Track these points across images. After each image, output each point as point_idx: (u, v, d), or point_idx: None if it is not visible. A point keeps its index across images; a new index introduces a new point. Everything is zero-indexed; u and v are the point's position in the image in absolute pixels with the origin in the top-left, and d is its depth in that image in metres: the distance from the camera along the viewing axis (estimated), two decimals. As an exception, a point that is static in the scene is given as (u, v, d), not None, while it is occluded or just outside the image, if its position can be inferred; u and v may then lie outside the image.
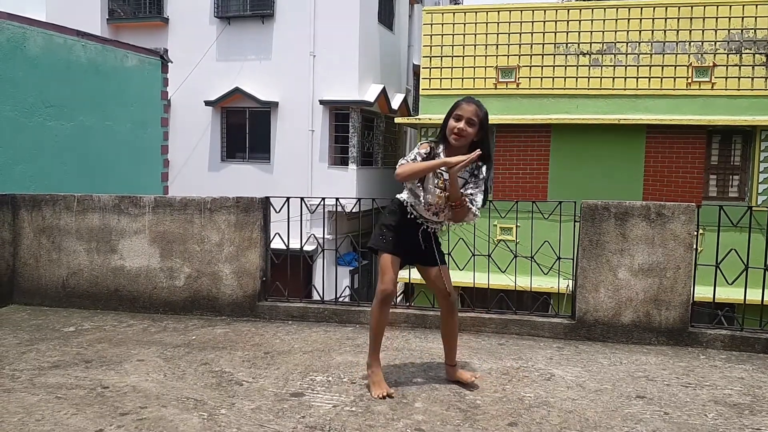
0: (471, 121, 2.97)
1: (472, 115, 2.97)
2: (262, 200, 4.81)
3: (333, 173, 14.98)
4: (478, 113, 2.99)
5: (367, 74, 15.15)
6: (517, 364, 3.68)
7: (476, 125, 2.99)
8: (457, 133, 2.97)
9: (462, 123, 2.97)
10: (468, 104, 3.00)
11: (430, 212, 3.12)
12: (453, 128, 2.98)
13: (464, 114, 2.98)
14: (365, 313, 4.58)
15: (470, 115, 2.97)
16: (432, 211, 3.11)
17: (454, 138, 2.99)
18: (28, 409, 2.95)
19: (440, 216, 3.14)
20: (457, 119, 2.99)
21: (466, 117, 2.97)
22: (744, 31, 11.04)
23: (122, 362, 3.67)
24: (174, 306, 4.90)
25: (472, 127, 2.99)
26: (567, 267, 4.73)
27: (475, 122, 2.98)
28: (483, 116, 3.01)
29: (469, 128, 2.98)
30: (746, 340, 4.03)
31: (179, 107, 15.45)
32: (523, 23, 11.91)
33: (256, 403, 3.04)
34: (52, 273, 5.14)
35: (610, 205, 4.19)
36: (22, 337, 4.22)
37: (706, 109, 11.18)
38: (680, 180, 11.47)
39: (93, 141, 7.89)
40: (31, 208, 5.17)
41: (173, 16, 16.05)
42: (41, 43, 7.16)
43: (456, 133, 2.98)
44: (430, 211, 3.11)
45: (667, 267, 4.10)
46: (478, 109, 3.00)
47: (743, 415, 2.96)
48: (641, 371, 3.58)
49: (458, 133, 2.97)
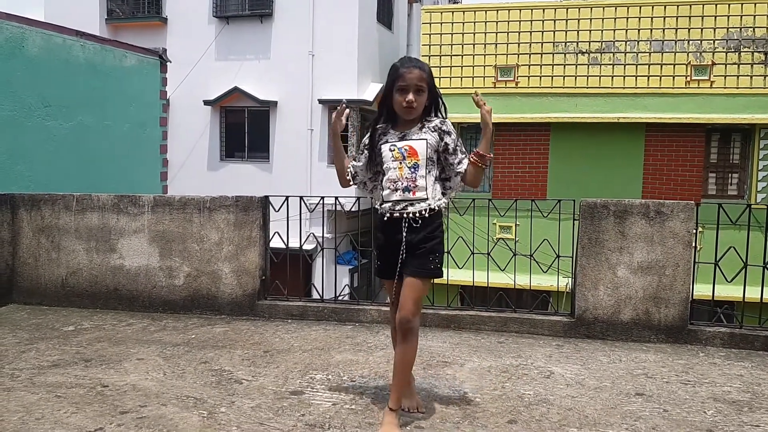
0: (419, 87, 2.61)
1: (418, 81, 2.61)
2: (261, 199, 4.81)
3: (332, 172, 14.86)
4: (423, 76, 2.62)
5: (366, 73, 15.15)
6: (516, 362, 3.68)
7: (425, 90, 2.63)
8: (408, 106, 2.62)
9: (410, 94, 2.60)
10: (409, 70, 2.62)
11: (399, 191, 2.65)
12: (401, 102, 2.62)
13: (410, 83, 2.60)
14: (365, 312, 4.59)
15: (417, 81, 2.61)
16: (401, 187, 2.64)
17: (406, 113, 2.65)
18: (28, 408, 2.95)
19: (415, 190, 2.64)
20: (402, 91, 2.61)
21: (414, 86, 2.60)
22: (743, 29, 11.04)
23: (122, 361, 3.67)
24: (173, 305, 4.90)
25: (423, 94, 2.64)
26: (566, 265, 4.74)
27: (424, 87, 2.63)
28: (428, 76, 2.65)
29: (420, 97, 2.63)
30: (745, 337, 4.03)
31: (178, 107, 15.43)
32: (522, 22, 11.91)
33: (256, 401, 3.04)
34: (51, 272, 5.14)
35: (609, 203, 4.19)
36: (21, 336, 4.22)
37: (705, 108, 11.18)
38: (679, 178, 11.48)
39: (92, 141, 7.88)
40: (30, 208, 5.17)
41: (172, 15, 16.04)
42: (40, 43, 7.15)
43: (407, 106, 2.62)
44: (398, 190, 2.65)
45: (666, 265, 4.10)
46: (421, 71, 2.62)
47: (742, 412, 2.96)
48: (640, 369, 3.58)
49: (409, 106, 2.61)
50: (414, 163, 2.65)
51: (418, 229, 2.65)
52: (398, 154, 2.66)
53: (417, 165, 2.65)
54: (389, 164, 2.68)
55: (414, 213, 2.64)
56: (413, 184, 2.65)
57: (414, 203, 2.65)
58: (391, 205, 2.67)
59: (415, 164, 2.65)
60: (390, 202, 2.68)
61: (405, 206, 2.65)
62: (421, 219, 2.65)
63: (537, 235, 4.59)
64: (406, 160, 2.65)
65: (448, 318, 4.43)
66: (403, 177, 2.65)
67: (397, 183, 2.66)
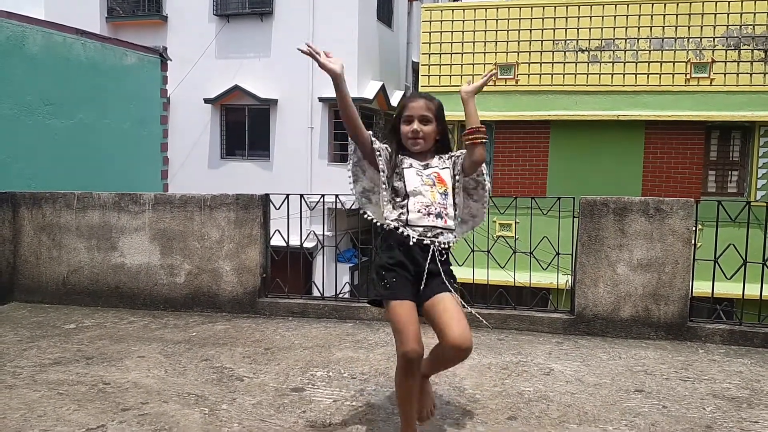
0: (425, 117, 2.52)
1: (423, 112, 2.52)
2: (261, 197, 4.82)
3: (332, 170, 14.98)
4: (430, 106, 2.53)
5: (366, 71, 15.15)
6: (516, 358, 3.70)
7: (432, 121, 2.53)
8: (413, 136, 2.51)
9: (415, 123, 2.51)
10: (415, 101, 2.55)
11: (432, 216, 2.46)
12: (407, 132, 2.52)
13: (414, 113, 2.52)
14: (365, 309, 4.60)
15: (421, 112, 2.51)
16: (434, 213, 2.47)
17: (412, 143, 2.53)
18: (30, 406, 2.96)
19: (446, 218, 2.49)
20: (408, 121, 2.53)
21: (417, 115, 2.51)
22: (742, 26, 11.03)
23: (123, 359, 3.69)
24: (174, 303, 4.91)
25: (429, 125, 2.53)
26: (566, 263, 4.75)
27: (431, 118, 2.53)
28: (437, 108, 2.56)
29: (426, 127, 2.52)
30: (745, 334, 4.04)
31: (179, 105, 15.44)
32: (521, 20, 11.90)
33: (257, 398, 3.06)
34: (52, 270, 5.15)
35: (608, 200, 4.20)
36: (23, 334, 4.24)
37: (705, 105, 11.18)
38: (679, 176, 11.48)
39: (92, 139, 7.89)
40: (32, 206, 5.18)
41: (172, 14, 16.04)
42: (41, 41, 7.15)
43: (412, 137, 2.52)
44: (431, 215, 2.46)
45: (666, 262, 4.11)
46: (428, 102, 2.54)
47: (741, 409, 2.98)
48: (640, 365, 3.59)
49: (414, 136, 2.51)
50: (444, 190, 2.52)
51: (442, 262, 2.48)
52: (428, 180, 2.51)
53: (447, 192, 2.53)
54: (419, 188, 2.48)
55: (443, 243, 2.48)
56: (445, 211, 2.50)
57: (444, 232, 2.48)
58: (422, 230, 2.45)
59: (445, 191, 2.53)
60: (421, 227, 2.45)
61: (436, 234, 2.46)
62: (446, 253, 2.51)
63: (537, 232, 4.60)
64: (436, 186, 2.51)
65: (449, 315, 4.43)
66: (436, 202, 2.48)
67: (429, 207, 2.46)
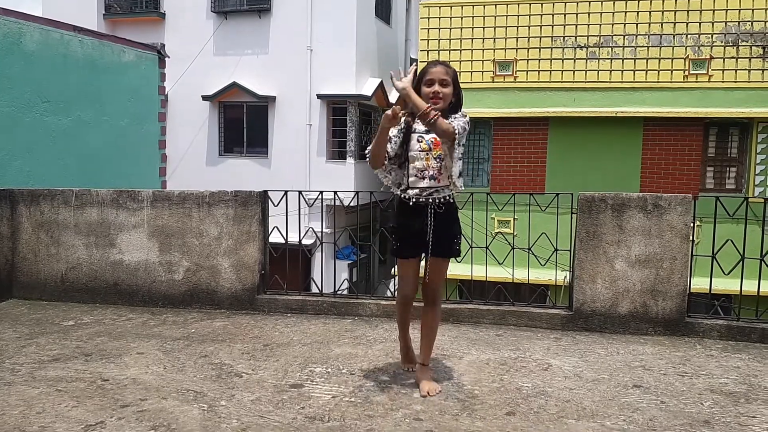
0: (444, 81, 2.92)
1: (443, 76, 2.92)
2: (260, 194, 4.82)
3: (331, 167, 14.98)
4: (448, 71, 2.94)
5: (364, 68, 15.13)
6: (514, 354, 3.70)
7: (450, 84, 2.93)
8: (434, 96, 2.90)
9: (436, 86, 2.90)
10: (435, 66, 2.95)
11: (426, 179, 2.94)
12: (428, 93, 2.90)
13: (435, 77, 2.91)
14: (364, 306, 4.60)
15: (441, 75, 2.92)
16: (428, 176, 2.94)
17: (433, 103, 2.88)
18: (28, 402, 2.97)
19: (440, 178, 2.94)
20: (429, 84, 2.92)
21: (438, 79, 2.91)
22: (741, 23, 11.03)
23: (122, 355, 3.69)
24: (173, 299, 4.91)
25: (447, 87, 2.92)
26: (564, 259, 4.76)
27: (449, 81, 2.93)
28: (453, 74, 2.96)
29: (445, 89, 2.91)
30: (742, 329, 4.05)
31: (177, 102, 15.41)
32: (520, 16, 11.89)
33: (256, 394, 3.06)
34: (50, 267, 5.15)
35: (607, 196, 4.21)
36: (21, 331, 4.23)
37: (703, 102, 11.19)
38: (677, 172, 11.49)
39: (90, 136, 7.88)
40: (30, 203, 5.17)
41: (170, 11, 16.00)
42: (38, 38, 7.14)
43: (433, 97, 2.90)
44: (425, 177, 2.94)
45: (664, 258, 4.12)
46: (446, 68, 2.95)
47: (739, 404, 2.99)
48: (638, 361, 3.60)
49: (435, 96, 2.90)
50: (438, 154, 2.94)
51: (442, 214, 2.97)
52: (425, 146, 2.94)
53: (440, 156, 2.94)
54: (416, 154, 2.95)
55: (439, 198, 2.95)
56: (438, 173, 2.94)
57: (439, 190, 2.96)
58: (417, 191, 2.95)
59: (440, 155, 2.94)
60: (417, 188, 2.96)
61: (431, 192, 2.95)
62: (444, 205, 2.97)
63: (535, 229, 4.60)
64: (432, 151, 2.94)
65: (447, 311, 4.45)
66: (429, 166, 2.94)
67: (424, 172, 2.94)
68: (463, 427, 2.69)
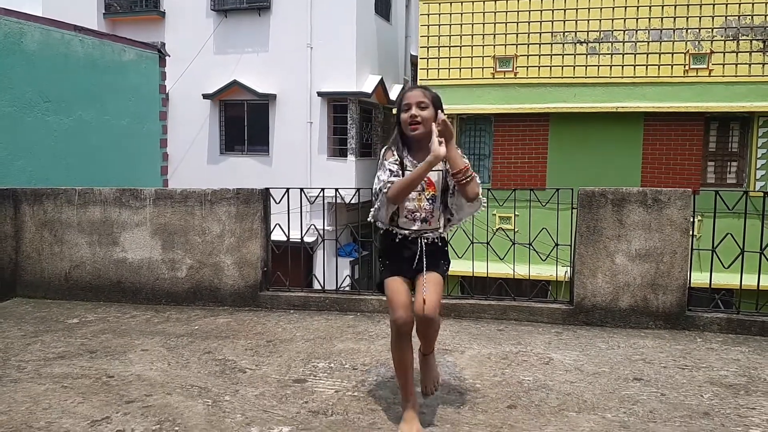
0: (421, 104, 2.68)
1: (420, 98, 2.69)
2: (262, 191, 4.84)
3: (332, 164, 15.00)
4: (426, 94, 2.71)
5: (364, 65, 15.14)
6: (516, 348, 3.73)
7: (428, 106, 2.69)
8: (412, 121, 2.66)
9: (414, 109, 2.67)
10: (411, 91, 2.74)
11: (417, 221, 2.73)
12: (406, 119, 2.68)
13: (412, 101, 2.69)
14: (366, 302, 4.63)
15: (418, 99, 2.69)
16: (419, 218, 2.73)
17: (412, 129, 2.67)
18: (35, 399, 3.00)
19: (431, 221, 2.74)
20: (406, 109, 2.70)
21: (414, 102, 2.68)
22: (741, 17, 11.03)
23: (126, 352, 3.72)
24: (176, 297, 4.94)
25: (426, 110, 2.68)
26: (565, 255, 4.78)
27: (427, 104, 2.68)
28: (433, 97, 2.73)
29: (423, 112, 2.67)
30: (742, 323, 4.07)
31: (178, 101, 15.44)
32: (520, 12, 11.90)
33: (260, 389, 3.09)
34: (54, 266, 5.18)
35: (607, 191, 4.23)
36: (26, 329, 4.27)
37: (704, 96, 11.19)
38: (678, 167, 11.50)
39: (92, 135, 7.90)
40: (33, 202, 5.20)
41: (170, 9, 16.02)
42: (39, 38, 7.16)
43: (411, 122, 2.67)
44: (417, 220, 2.73)
45: (664, 252, 4.14)
46: (424, 90, 2.73)
47: (739, 396, 3.01)
48: (638, 354, 3.63)
49: (413, 121, 2.66)
50: (432, 195, 2.74)
51: (434, 250, 2.75)
52: (418, 186, 2.69)
53: (435, 197, 2.74)
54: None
55: (428, 239, 2.73)
56: (430, 216, 2.74)
57: (428, 232, 2.74)
58: (408, 232, 2.73)
59: (433, 196, 2.74)
60: (407, 230, 2.74)
61: (420, 234, 2.73)
62: (435, 244, 2.76)
63: (536, 224, 4.63)
64: (424, 192, 2.72)
65: (449, 307, 4.47)
66: (422, 208, 2.73)
67: (415, 214, 2.73)
68: (465, 420, 2.71)
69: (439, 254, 2.77)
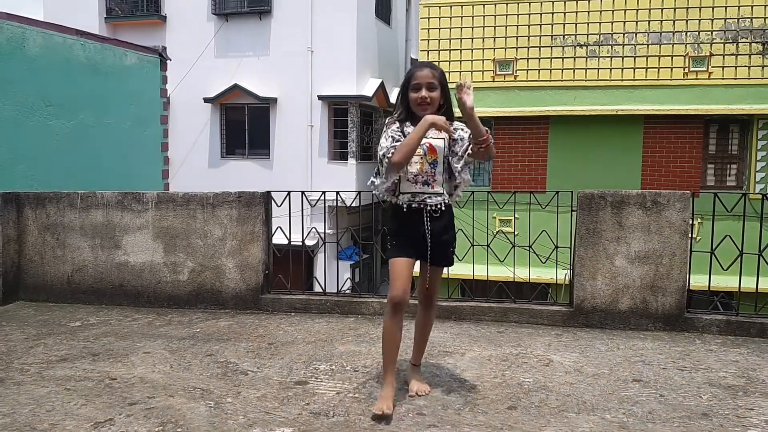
0: (431, 85, 2.82)
1: (430, 79, 2.82)
2: (263, 195, 4.87)
3: (333, 168, 15.03)
4: (435, 74, 2.83)
5: (364, 69, 15.18)
6: (516, 350, 3.75)
7: (437, 87, 2.84)
8: (421, 102, 2.82)
9: (423, 91, 2.81)
10: (421, 70, 2.85)
11: (419, 184, 2.86)
12: (416, 99, 2.83)
13: (422, 81, 2.82)
14: (367, 304, 4.65)
15: (428, 79, 2.82)
16: (421, 181, 2.86)
17: (421, 109, 2.83)
18: (38, 401, 3.02)
19: (434, 184, 2.87)
20: (416, 89, 2.83)
21: (425, 83, 2.82)
22: (740, 20, 11.06)
23: (129, 355, 3.74)
24: (178, 300, 4.97)
25: (435, 91, 2.83)
26: (565, 258, 4.79)
27: (436, 85, 2.83)
28: (440, 76, 2.86)
29: (433, 93, 2.82)
30: (741, 324, 4.09)
31: (179, 104, 15.49)
32: (519, 15, 11.94)
33: (262, 391, 3.11)
34: (57, 269, 5.20)
35: (606, 194, 4.25)
36: (29, 332, 4.29)
37: (704, 99, 11.21)
38: (678, 169, 11.52)
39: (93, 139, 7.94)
40: (35, 206, 5.23)
41: (171, 13, 16.07)
42: (41, 42, 7.20)
43: (421, 102, 2.83)
44: (418, 183, 2.86)
45: (663, 254, 4.16)
46: (432, 71, 2.84)
47: (737, 397, 3.03)
48: (638, 356, 3.65)
49: (423, 102, 2.82)
50: (434, 160, 2.88)
51: (439, 218, 2.89)
52: (420, 151, 2.84)
53: (436, 162, 2.88)
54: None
55: (432, 205, 2.88)
56: (432, 179, 2.88)
57: (431, 196, 2.88)
58: (410, 196, 2.88)
59: (435, 161, 2.88)
60: (408, 193, 2.88)
61: (423, 198, 2.87)
62: (439, 210, 2.89)
63: (536, 227, 4.65)
64: (426, 156, 2.87)
65: (449, 309, 4.50)
66: (423, 172, 2.87)
67: (417, 177, 2.87)
68: (465, 422, 2.73)
69: (447, 226, 2.93)
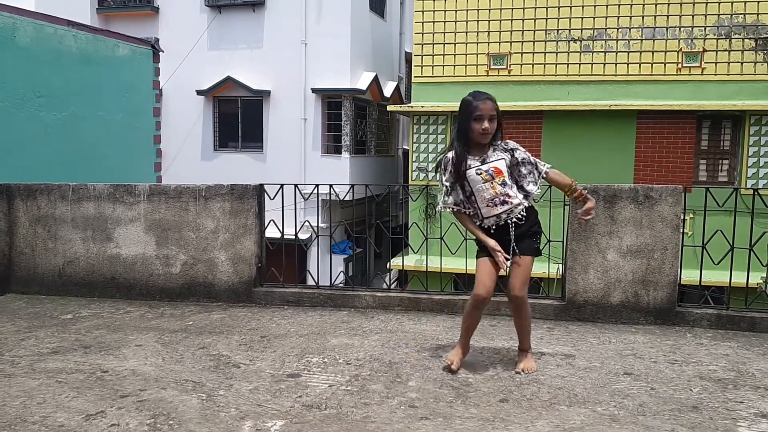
0: (492, 117, 3.18)
1: (492, 112, 3.18)
2: (256, 187, 4.85)
3: (326, 161, 15.01)
4: (495, 107, 3.19)
5: (359, 62, 15.14)
6: (508, 344, 3.76)
7: (496, 119, 3.21)
8: (485, 132, 3.16)
9: (486, 122, 3.16)
10: (484, 102, 3.17)
11: (498, 206, 3.18)
12: (479, 130, 3.16)
13: (485, 113, 3.15)
14: (360, 298, 4.65)
15: (491, 112, 3.17)
16: (498, 202, 3.18)
17: (483, 138, 3.19)
18: (29, 393, 3.01)
19: (510, 200, 3.18)
20: (479, 120, 3.16)
21: (488, 115, 3.16)
22: (733, 16, 11.10)
23: (120, 347, 3.73)
24: (170, 293, 4.95)
25: (494, 121, 3.19)
26: (557, 252, 4.81)
27: (495, 115, 3.19)
28: (497, 108, 3.22)
29: (493, 123, 3.19)
30: (732, 318, 4.12)
31: (171, 97, 15.41)
32: (514, 10, 11.93)
33: (254, 384, 3.11)
34: (48, 262, 5.18)
35: (598, 188, 4.26)
36: (20, 324, 4.27)
37: (696, 94, 11.26)
38: (671, 165, 11.57)
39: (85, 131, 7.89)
40: (26, 198, 5.19)
41: (163, 5, 15.96)
42: (32, 33, 7.14)
43: (483, 132, 3.16)
44: (497, 205, 3.18)
45: (655, 248, 4.18)
46: (493, 103, 3.19)
47: (727, 390, 3.05)
48: (629, 349, 3.67)
49: (485, 132, 3.16)
50: (502, 180, 3.20)
51: (522, 225, 3.22)
52: (487, 176, 3.19)
53: (505, 181, 3.20)
54: (481, 186, 3.19)
55: (517, 216, 3.20)
56: (507, 197, 3.19)
57: (513, 209, 3.20)
58: (495, 219, 3.21)
59: (503, 181, 3.20)
60: (493, 216, 3.21)
61: (508, 214, 3.20)
62: (522, 217, 3.21)
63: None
64: (495, 179, 3.19)
65: (442, 303, 4.51)
66: (498, 194, 3.19)
67: (494, 200, 3.19)
68: (457, 414, 2.74)
69: (530, 224, 3.24)
